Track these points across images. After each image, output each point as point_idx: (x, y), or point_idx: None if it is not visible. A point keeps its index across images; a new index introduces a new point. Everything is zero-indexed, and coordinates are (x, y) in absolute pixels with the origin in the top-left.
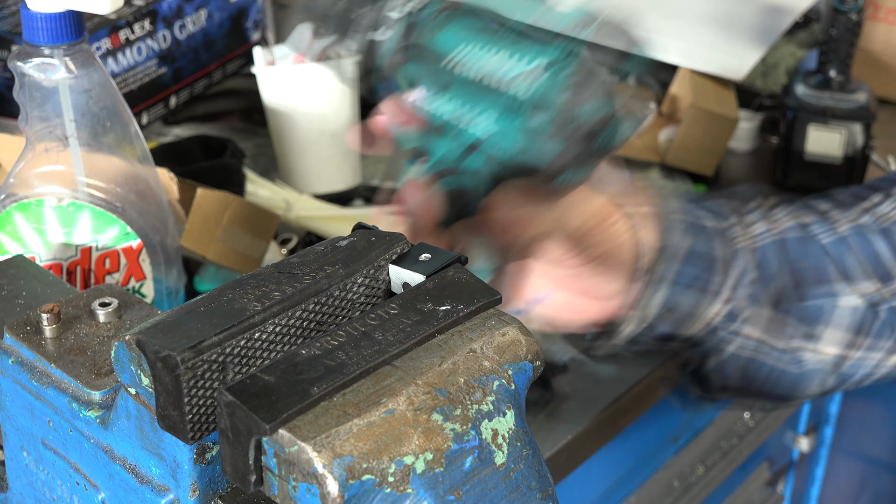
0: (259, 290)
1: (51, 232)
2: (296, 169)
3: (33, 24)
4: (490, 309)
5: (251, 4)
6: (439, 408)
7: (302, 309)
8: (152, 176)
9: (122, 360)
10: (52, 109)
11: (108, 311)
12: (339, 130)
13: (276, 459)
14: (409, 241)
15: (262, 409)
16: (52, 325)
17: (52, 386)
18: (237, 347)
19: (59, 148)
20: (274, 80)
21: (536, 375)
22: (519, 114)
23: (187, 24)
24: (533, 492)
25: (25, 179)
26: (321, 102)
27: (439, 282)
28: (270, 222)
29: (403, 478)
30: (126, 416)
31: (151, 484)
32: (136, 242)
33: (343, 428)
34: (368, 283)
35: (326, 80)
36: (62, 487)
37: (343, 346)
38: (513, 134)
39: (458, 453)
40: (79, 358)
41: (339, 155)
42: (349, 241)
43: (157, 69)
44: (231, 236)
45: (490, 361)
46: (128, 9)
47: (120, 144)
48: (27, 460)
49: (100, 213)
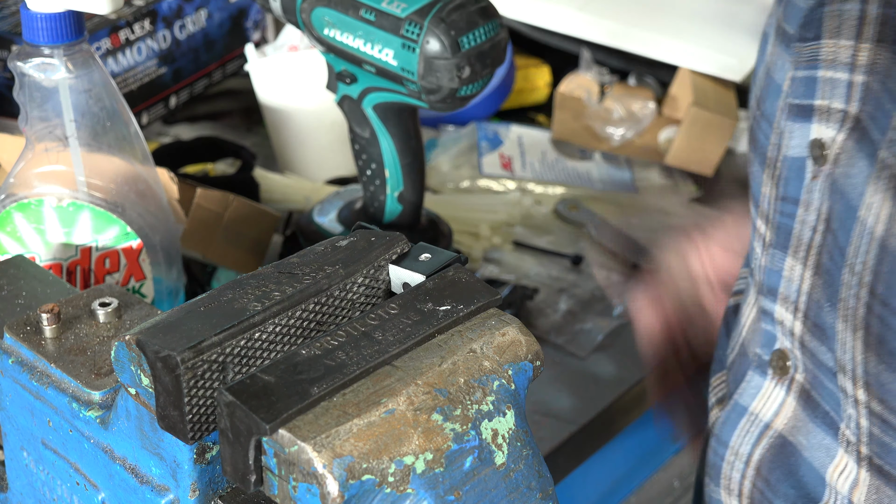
0: (259, 290)
1: (51, 232)
2: (297, 160)
3: (33, 24)
4: (490, 309)
5: (251, 4)
6: (439, 408)
7: (302, 309)
8: (152, 176)
9: (122, 360)
10: (52, 109)
11: (108, 311)
12: (338, 116)
13: (276, 459)
14: (408, 241)
15: (262, 409)
16: (52, 325)
17: (52, 386)
18: (237, 347)
19: (59, 148)
20: (268, 74)
21: (537, 375)
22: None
23: (187, 24)
24: (533, 492)
25: (25, 179)
26: (317, 89)
27: (439, 282)
28: (270, 222)
29: (403, 478)
30: (126, 416)
31: (151, 484)
32: (136, 242)
33: (343, 428)
34: (368, 283)
35: (321, 67)
36: (62, 487)
37: (343, 346)
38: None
39: (458, 453)
40: (79, 358)
41: (339, 141)
42: (349, 241)
43: (157, 69)
44: (231, 236)
45: (490, 361)
46: (128, 9)
47: (120, 144)
48: (27, 460)
49: (100, 213)
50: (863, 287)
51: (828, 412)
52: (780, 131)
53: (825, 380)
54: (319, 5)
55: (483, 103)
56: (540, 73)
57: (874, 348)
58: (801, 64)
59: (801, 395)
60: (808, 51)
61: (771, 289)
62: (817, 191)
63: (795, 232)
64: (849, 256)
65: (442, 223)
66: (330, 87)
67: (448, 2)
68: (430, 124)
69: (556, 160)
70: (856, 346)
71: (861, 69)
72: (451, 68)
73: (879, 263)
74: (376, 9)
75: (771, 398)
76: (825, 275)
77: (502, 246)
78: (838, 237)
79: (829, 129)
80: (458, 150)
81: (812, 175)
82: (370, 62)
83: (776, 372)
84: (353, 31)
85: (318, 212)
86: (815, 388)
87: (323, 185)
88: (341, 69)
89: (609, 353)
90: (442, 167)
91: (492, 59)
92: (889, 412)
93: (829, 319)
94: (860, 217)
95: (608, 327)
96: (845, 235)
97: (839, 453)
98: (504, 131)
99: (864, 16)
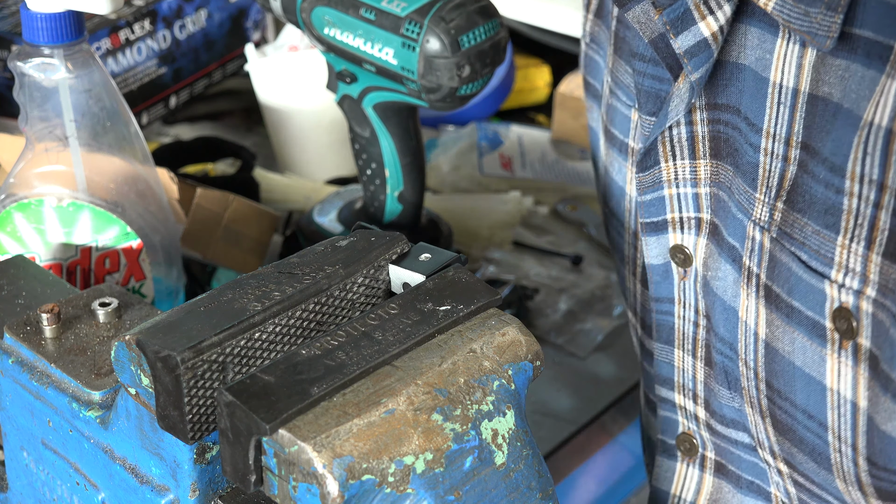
0: (259, 290)
1: (51, 232)
2: (297, 160)
3: (33, 24)
4: (490, 309)
5: (251, 4)
6: (439, 408)
7: (302, 309)
8: (152, 176)
9: (122, 360)
10: (52, 109)
11: (108, 311)
12: (337, 115)
13: (276, 459)
14: (408, 241)
15: (262, 409)
16: (52, 325)
17: (52, 386)
18: (237, 347)
19: (59, 148)
20: (268, 74)
21: (536, 375)
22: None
23: (187, 24)
24: (533, 492)
25: (25, 179)
26: (317, 89)
27: (439, 282)
28: (270, 222)
29: (403, 478)
30: (126, 416)
31: (151, 484)
32: (136, 242)
33: (343, 428)
34: (368, 283)
35: (321, 67)
36: (62, 487)
37: (343, 346)
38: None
39: (458, 453)
40: (79, 358)
41: (339, 141)
42: (349, 241)
43: (157, 69)
44: (231, 236)
45: (490, 361)
46: (128, 9)
47: (120, 144)
48: (27, 460)
49: (100, 213)
50: (760, 381)
51: (752, 481)
52: (632, 240)
53: (742, 454)
54: (319, 4)
55: (483, 103)
56: (540, 73)
57: (784, 433)
58: (645, 189)
59: (719, 471)
60: (650, 177)
61: (665, 379)
62: (689, 290)
63: (677, 327)
64: (740, 351)
65: (442, 223)
66: (330, 87)
67: (448, 1)
68: (430, 124)
69: (556, 160)
70: (767, 429)
71: (703, 182)
72: (451, 67)
73: (770, 362)
74: (376, 8)
75: (687, 478)
76: (717, 366)
77: (502, 246)
78: (721, 334)
79: (688, 235)
80: (458, 150)
81: (680, 276)
82: (370, 61)
83: (685, 454)
84: (353, 31)
85: (318, 212)
86: (731, 462)
87: (323, 185)
88: (341, 68)
89: (609, 353)
90: (442, 167)
91: (492, 58)
92: (812, 484)
93: (734, 404)
94: (741, 318)
95: (608, 327)
96: (730, 333)
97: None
98: (504, 131)
99: (694, 136)
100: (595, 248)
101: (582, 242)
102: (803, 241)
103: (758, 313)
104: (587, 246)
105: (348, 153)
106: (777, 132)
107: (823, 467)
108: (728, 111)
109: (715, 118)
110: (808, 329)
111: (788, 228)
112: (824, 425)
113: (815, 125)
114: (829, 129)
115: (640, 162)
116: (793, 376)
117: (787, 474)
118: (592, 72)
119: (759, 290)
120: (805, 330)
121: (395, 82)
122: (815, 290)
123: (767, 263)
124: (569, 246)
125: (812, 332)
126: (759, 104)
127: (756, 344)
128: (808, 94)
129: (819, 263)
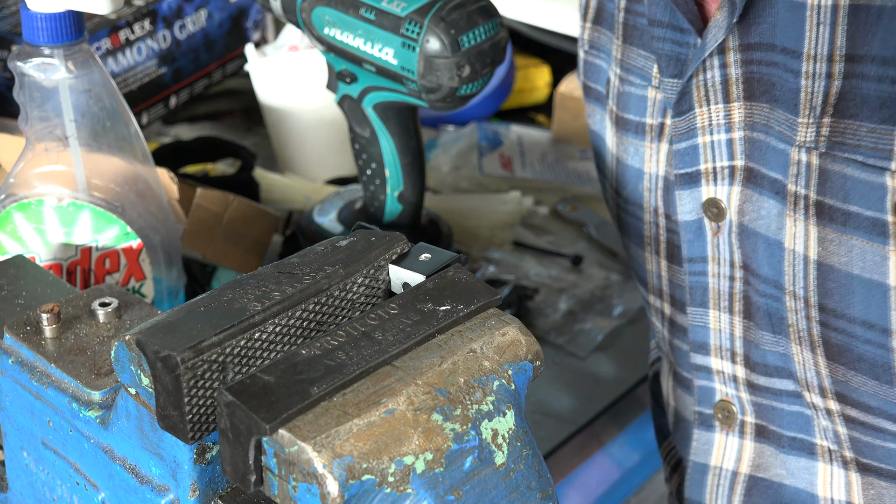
0: (259, 290)
1: (51, 232)
2: (297, 160)
3: (33, 24)
4: (490, 309)
5: (251, 4)
6: (439, 408)
7: (302, 309)
8: (152, 176)
9: (122, 360)
10: (52, 109)
11: (108, 311)
12: (337, 115)
13: (276, 459)
14: (408, 241)
15: (262, 409)
16: (52, 325)
17: (52, 386)
18: (237, 347)
19: (59, 148)
20: (268, 74)
21: (536, 375)
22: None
23: (187, 24)
24: (533, 492)
25: (25, 179)
26: (317, 89)
27: (439, 282)
28: (270, 222)
29: (403, 478)
30: (126, 416)
31: (151, 484)
32: (136, 242)
33: (343, 428)
34: (368, 283)
35: (321, 67)
36: (62, 487)
37: (343, 346)
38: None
39: (458, 453)
40: (79, 358)
41: (339, 141)
42: (349, 241)
43: (157, 69)
44: (231, 236)
45: (490, 361)
46: (128, 9)
47: (120, 144)
48: (27, 460)
49: (100, 213)
50: (811, 308)
51: (794, 437)
52: (653, 218)
53: (785, 405)
54: (319, 4)
55: (483, 103)
56: (540, 73)
57: (837, 359)
58: (680, 136)
59: (759, 434)
60: (685, 123)
61: (701, 344)
62: (724, 243)
63: (712, 286)
64: (787, 285)
65: (442, 223)
66: (330, 87)
67: (448, 1)
68: (430, 124)
69: (556, 160)
70: (818, 362)
71: (737, 126)
72: (451, 67)
73: (823, 282)
74: (376, 8)
75: (727, 447)
76: (760, 312)
77: (502, 246)
78: (765, 274)
79: (721, 186)
80: (458, 150)
81: (713, 232)
82: (370, 61)
83: (723, 423)
84: (353, 31)
85: (318, 212)
86: (773, 421)
87: (323, 185)
88: (341, 68)
89: (609, 353)
90: (442, 167)
91: (492, 58)
92: (864, 413)
93: (778, 349)
94: (788, 248)
95: (608, 327)
96: (774, 269)
97: (820, 468)
98: (504, 131)
99: (727, 79)
100: (595, 248)
101: (582, 242)
102: (857, 144)
103: (807, 235)
104: (587, 246)
105: (348, 153)
106: (818, 52)
107: (885, 381)
108: (761, 49)
109: (748, 59)
110: (868, 230)
111: (839, 137)
112: (888, 331)
113: (859, 32)
114: (874, 31)
115: (675, 105)
116: (850, 289)
117: (837, 413)
118: (593, 76)
119: (807, 211)
120: (864, 233)
121: (395, 82)
122: (875, 187)
123: (817, 180)
124: (569, 246)
125: (872, 231)
126: (797, 30)
127: (806, 268)
128: (848, 7)
129: (877, 159)
